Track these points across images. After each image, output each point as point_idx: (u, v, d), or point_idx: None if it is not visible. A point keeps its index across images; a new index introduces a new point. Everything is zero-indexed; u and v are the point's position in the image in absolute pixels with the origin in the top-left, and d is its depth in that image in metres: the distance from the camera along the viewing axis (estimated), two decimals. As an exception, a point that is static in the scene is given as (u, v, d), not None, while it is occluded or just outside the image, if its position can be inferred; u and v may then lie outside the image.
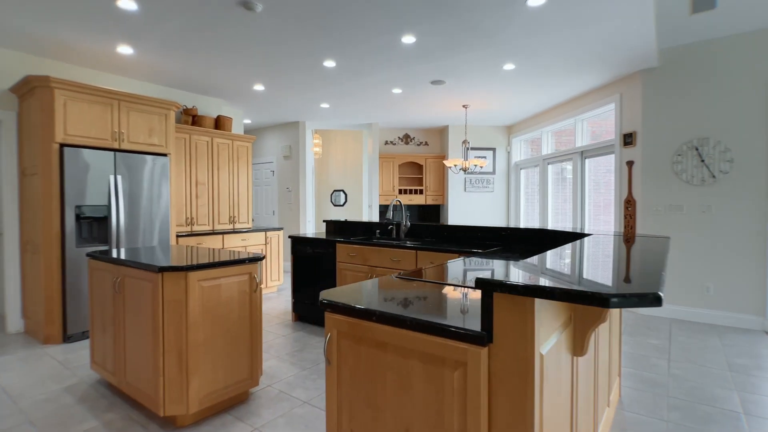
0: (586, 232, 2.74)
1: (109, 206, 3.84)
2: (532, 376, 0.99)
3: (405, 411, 1.17)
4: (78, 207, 3.65)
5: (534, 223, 7.05)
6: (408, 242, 3.70)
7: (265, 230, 5.54)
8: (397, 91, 5.22)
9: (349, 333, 1.29)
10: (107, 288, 2.57)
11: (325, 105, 5.97)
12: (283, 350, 3.43)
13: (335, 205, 8.93)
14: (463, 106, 5.95)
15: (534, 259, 1.41)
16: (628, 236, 2.39)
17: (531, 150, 7.45)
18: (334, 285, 3.91)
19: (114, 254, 2.59)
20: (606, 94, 5.00)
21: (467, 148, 6.03)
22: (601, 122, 5.66)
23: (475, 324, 1.10)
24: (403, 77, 4.67)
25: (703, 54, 4.12)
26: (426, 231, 3.93)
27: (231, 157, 5.40)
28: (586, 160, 5.70)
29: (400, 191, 7.65)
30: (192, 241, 4.73)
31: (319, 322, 4.16)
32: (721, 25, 3.82)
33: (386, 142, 7.83)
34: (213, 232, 4.98)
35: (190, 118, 5.10)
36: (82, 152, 3.68)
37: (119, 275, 2.45)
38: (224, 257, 2.43)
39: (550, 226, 4.89)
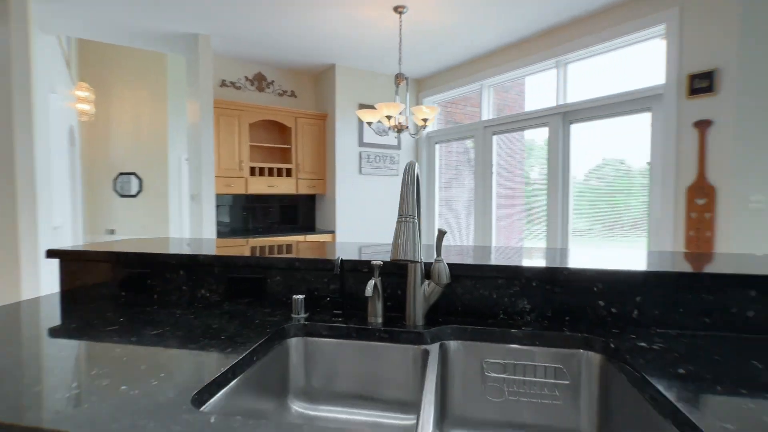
0: None
1: None
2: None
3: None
4: None
5: (467, 232, 4.84)
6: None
7: None
8: None
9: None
10: None
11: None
12: None
13: (122, 196, 5.05)
14: (396, 9, 3.19)
15: None
16: None
17: (446, 117, 5.23)
18: None
19: None
20: (647, 11, 3.04)
21: (403, 85, 3.30)
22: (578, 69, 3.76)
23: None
24: None
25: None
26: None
27: None
28: (571, 126, 3.73)
29: (252, 171, 4.35)
30: None
31: None
32: None
33: (223, 83, 4.38)
34: None
35: None
36: None
37: None
38: None
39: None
